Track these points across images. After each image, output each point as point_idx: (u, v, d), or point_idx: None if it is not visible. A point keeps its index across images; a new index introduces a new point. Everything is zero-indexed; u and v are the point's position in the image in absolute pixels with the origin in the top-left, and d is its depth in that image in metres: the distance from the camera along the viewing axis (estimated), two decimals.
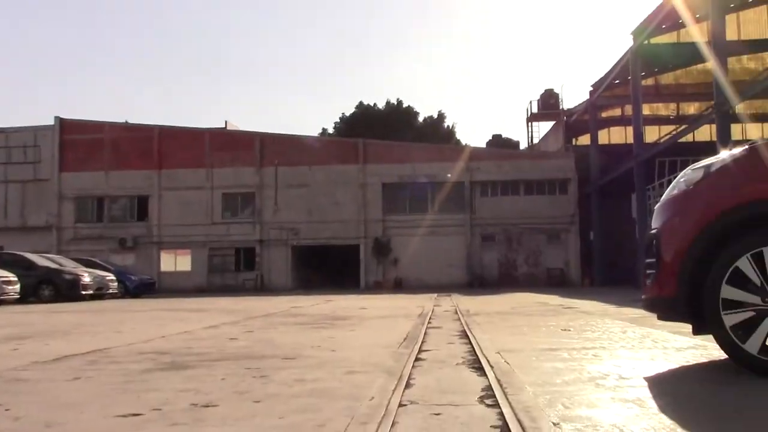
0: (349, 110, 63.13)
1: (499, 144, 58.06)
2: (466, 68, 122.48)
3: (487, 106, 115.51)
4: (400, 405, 3.23)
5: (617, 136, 41.14)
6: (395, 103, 61.29)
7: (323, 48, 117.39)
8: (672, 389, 3.61)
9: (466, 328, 7.62)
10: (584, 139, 40.67)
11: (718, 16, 21.47)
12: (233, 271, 39.47)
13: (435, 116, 62.75)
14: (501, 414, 2.99)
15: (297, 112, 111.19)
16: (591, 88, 36.99)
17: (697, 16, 25.61)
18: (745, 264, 3.73)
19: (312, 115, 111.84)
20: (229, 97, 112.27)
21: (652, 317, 4.62)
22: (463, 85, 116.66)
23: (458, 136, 65.59)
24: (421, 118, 61.80)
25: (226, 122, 43.96)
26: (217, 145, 39.86)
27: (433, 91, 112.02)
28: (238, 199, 39.94)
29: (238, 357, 5.27)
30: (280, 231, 39.08)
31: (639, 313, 8.59)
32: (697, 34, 23.15)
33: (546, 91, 45.38)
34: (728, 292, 3.78)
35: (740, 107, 24.95)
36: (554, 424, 2.77)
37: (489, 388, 3.64)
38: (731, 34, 27.67)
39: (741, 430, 2.67)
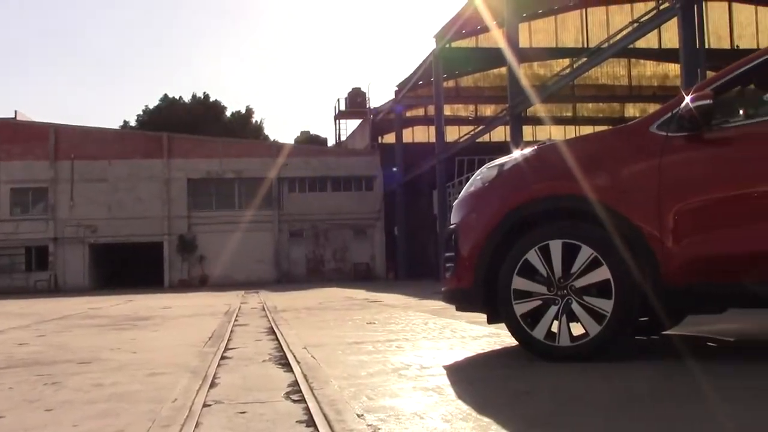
0: (153, 103, 60.85)
1: (308, 141, 58.35)
2: (275, 64, 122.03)
3: (296, 103, 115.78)
4: (205, 405, 3.16)
5: (421, 134, 42.65)
6: (202, 96, 59.78)
7: (124, 37, 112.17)
8: (469, 376, 3.80)
9: (273, 324, 7.59)
10: (390, 138, 41.80)
11: (513, 24, 22.84)
12: (23, 272, 36.78)
13: (243, 111, 61.91)
14: (307, 408, 3.00)
15: (97, 104, 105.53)
16: (396, 88, 38.06)
17: (494, 23, 27.08)
18: (533, 256, 4.00)
19: (113, 108, 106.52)
20: (21, 87, 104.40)
21: (452, 308, 4.84)
22: (272, 81, 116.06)
23: (267, 132, 65.26)
24: (228, 113, 60.70)
25: (16, 112, 40.86)
26: (5, 137, 36.95)
27: (241, 86, 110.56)
28: (29, 195, 37.27)
29: (28, 363, 4.92)
30: (77, 228, 36.94)
31: (440, 305, 8.97)
32: (500, 38, 24.47)
33: (353, 89, 46.19)
34: (519, 283, 4.04)
35: (532, 110, 26.72)
36: (358, 415, 2.83)
37: (295, 383, 3.65)
38: (524, 42, 29.54)
39: (531, 410, 2.86)
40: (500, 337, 5.22)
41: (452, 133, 37.95)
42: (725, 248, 3.65)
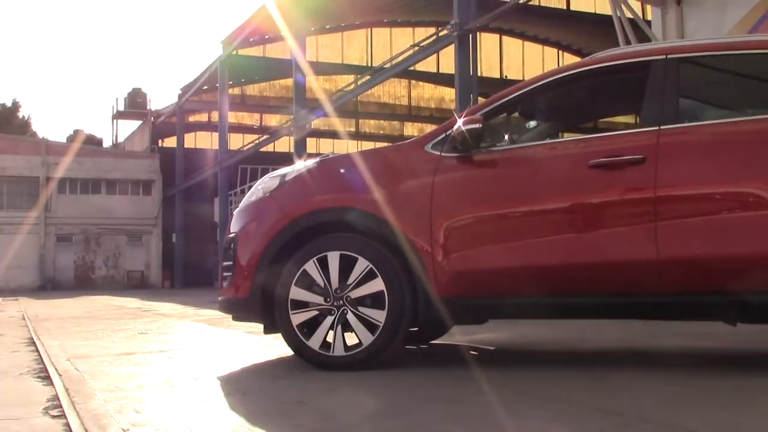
0: None
1: (82, 140, 55.06)
2: (48, 55, 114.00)
3: (70, 100, 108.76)
4: None
5: (204, 140, 41.76)
6: None
7: None
8: (243, 387, 3.76)
9: (33, 334, 7.06)
10: (171, 142, 40.52)
11: (301, 37, 23.05)
12: None
13: (9, 105, 57.20)
14: (67, 424, 2.82)
15: None
16: (180, 92, 37.02)
17: (282, 34, 27.18)
18: (312, 267, 4.05)
19: None
20: None
21: (229, 318, 4.77)
22: (43, 75, 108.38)
23: (35, 128, 60.69)
24: None
25: None
26: None
27: (7, 78, 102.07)
28: None
29: None
30: None
31: (216, 314, 8.80)
32: (293, 48, 24.52)
33: (134, 89, 44.30)
34: (296, 293, 4.07)
35: (316, 123, 27.06)
36: (124, 430, 2.70)
37: (56, 397, 3.42)
38: (311, 56, 29.91)
39: (304, 419, 2.88)
40: (276, 347, 5.22)
41: (236, 141, 37.56)
42: (486, 264, 3.92)
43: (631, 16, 9.60)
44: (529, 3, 16.83)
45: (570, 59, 32.27)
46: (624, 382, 3.63)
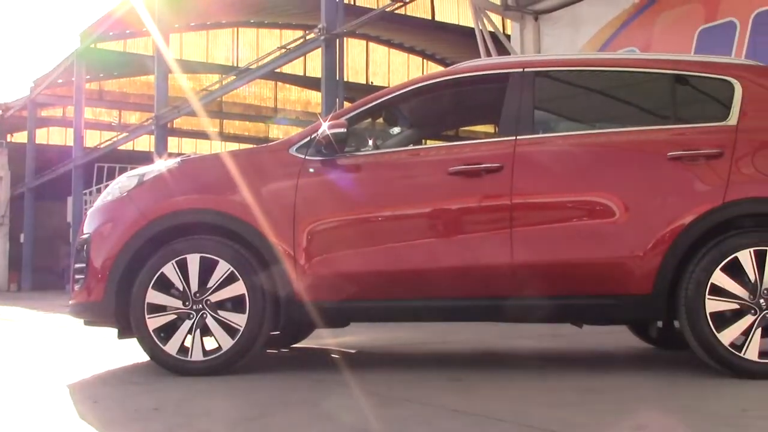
0: None
1: None
2: None
3: None
4: None
5: (58, 136, 39.71)
6: None
7: None
8: (95, 394, 3.60)
9: None
10: (22, 137, 38.28)
11: (164, 33, 22.40)
12: None
13: None
14: None
15: None
16: (33, 84, 35.05)
17: (144, 29, 26.33)
18: (170, 270, 3.94)
19: None
20: None
21: (80, 323, 4.55)
22: None
23: None
24: None
25: None
26: None
27: None
28: None
29: None
30: None
31: (67, 319, 8.39)
32: (159, 43, 23.74)
33: None
34: (153, 296, 3.94)
35: (179, 122, 26.38)
36: None
37: None
38: (175, 53, 29.12)
39: (158, 426, 2.79)
40: (131, 353, 5.04)
41: (93, 138, 35.95)
42: (348, 267, 3.95)
43: (493, 30, 9.95)
44: (396, 12, 17.11)
45: (434, 68, 33.04)
46: (478, 383, 3.75)
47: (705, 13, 7.58)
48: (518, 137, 3.99)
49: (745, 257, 3.64)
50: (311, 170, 4.07)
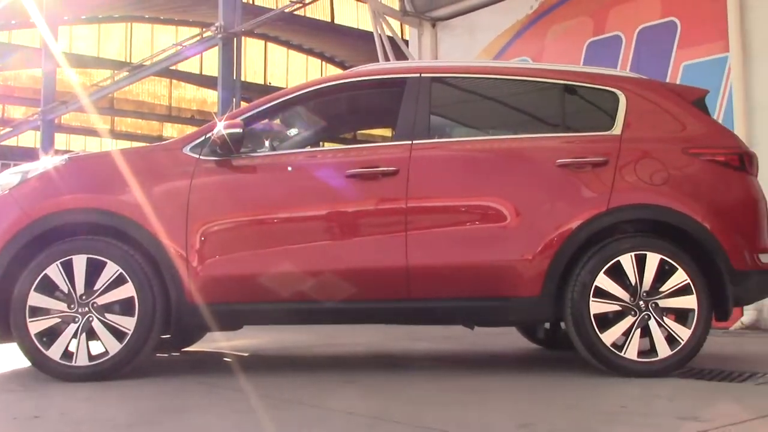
0: None
1: None
2: None
3: None
4: None
5: None
6: None
7: None
8: None
9: None
10: None
11: (53, 25, 21.52)
12: None
13: None
14: None
15: None
16: None
17: (31, 20, 25.21)
18: (54, 271, 3.78)
19: None
20: None
21: None
22: None
23: None
24: None
25: None
26: None
27: None
28: None
29: None
30: None
31: None
32: (44, 36, 22.73)
33: None
34: (36, 299, 3.77)
35: (66, 118, 25.38)
36: None
37: None
38: (64, 46, 28.03)
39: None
40: (12, 358, 4.81)
41: None
42: (241, 269, 3.89)
43: (391, 34, 10.04)
44: (295, 12, 17.01)
45: (333, 71, 33.08)
46: (373, 385, 3.77)
47: (593, 26, 7.90)
48: (414, 142, 4.04)
49: (627, 261, 3.81)
50: (205, 170, 3.99)
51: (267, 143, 4.55)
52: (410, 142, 4.05)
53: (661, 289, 3.80)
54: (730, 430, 2.58)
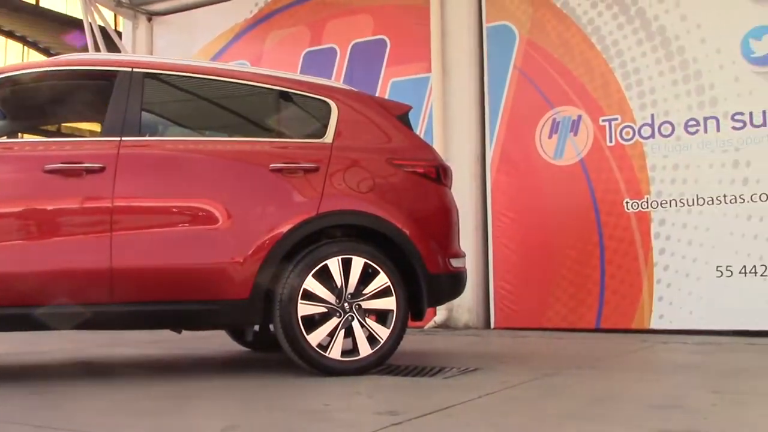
0: None
1: None
2: None
3: None
4: None
5: None
6: None
7: None
8: None
9: None
10: None
11: None
12: None
13: None
14: None
15: None
16: None
17: None
18: None
19: None
20: None
21: None
22: None
23: None
24: None
25: None
26: None
27: None
28: None
29: None
30: None
31: None
32: None
33: None
34: None
35: None
36: None
37: None
38: None
39: None
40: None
41: None
42: None
43: (103, 24, 9.51)
44: None
45: (36, 57, 30.59)
46: (70, 395, 3.54)
47: (311, 37, 8.12)
48: (123, 138, 3.88)
49: (334, 265, 3.96)
50: None
51: None
52: (119, 138, 3.87)
53: (365, 292, 4.01)
54: (420, 422, 2.79)
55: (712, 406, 3.11)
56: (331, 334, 3.93)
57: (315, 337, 3.90)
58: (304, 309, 3.90)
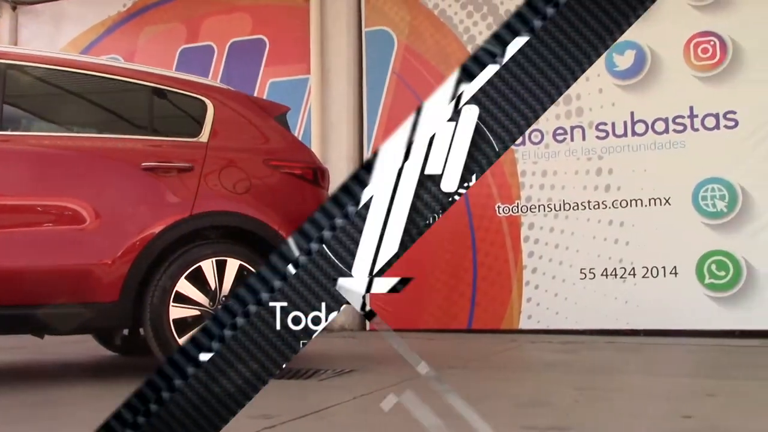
0: None
1: None
2: None
3: None
4: None
5: None
6: None
7: None
8: None
9: None
10: None
11: None
12: None
13: None
14: None
15: None
16: None
17: None
18: None
19: None
20: None
21: None
22: None
23: None
24: None
25: None
26: None
27: None
28: None
29: None
30: None
31: None
32: None
33: None
34: None
35: None
36: None
37: None
38: None
39: None
40: None
41: None
42: None
43: None
44: None
45: None
46: None
47: (187, 34, 7.94)
48: None
49: (208, 266, 3.89)
50: None
51: None
52: None
53: None
54: (294, 424, 2.78)
55: (575, 402, 3.26)
56: None
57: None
58: (177, 312, 3.81)
